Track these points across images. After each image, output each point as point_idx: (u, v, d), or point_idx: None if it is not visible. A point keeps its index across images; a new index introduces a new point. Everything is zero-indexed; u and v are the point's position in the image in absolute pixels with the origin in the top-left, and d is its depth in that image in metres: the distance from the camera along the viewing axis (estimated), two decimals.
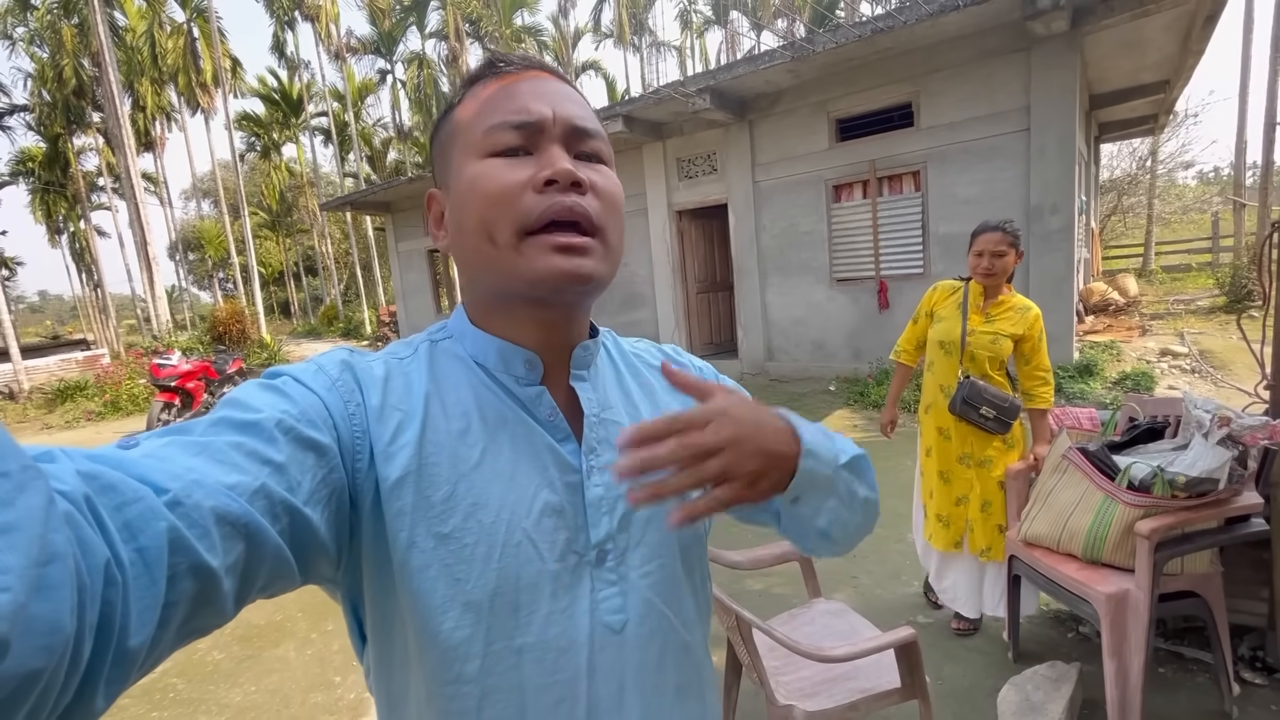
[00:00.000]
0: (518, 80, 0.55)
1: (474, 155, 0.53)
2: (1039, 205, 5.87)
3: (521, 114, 0.52)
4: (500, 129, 0.52)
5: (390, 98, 28.63)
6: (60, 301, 60.74)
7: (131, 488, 0.33)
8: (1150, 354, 6.80)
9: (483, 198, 0.51)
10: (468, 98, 0.56)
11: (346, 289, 32.45)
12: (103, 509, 0.31)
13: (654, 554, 0.58)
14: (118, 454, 0.36)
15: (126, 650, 0.30)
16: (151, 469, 0.35)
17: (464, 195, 0.53)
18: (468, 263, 0.55)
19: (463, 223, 0.53)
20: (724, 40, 27.92)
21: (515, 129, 0.52)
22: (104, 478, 0.32)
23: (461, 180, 0.53)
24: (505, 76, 0.55)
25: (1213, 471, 1.76)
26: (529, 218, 0.51)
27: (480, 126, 0.53)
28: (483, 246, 0.52)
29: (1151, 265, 14.66)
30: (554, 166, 0.51)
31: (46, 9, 20.06)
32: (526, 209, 0.51)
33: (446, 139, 0.57)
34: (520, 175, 0.51)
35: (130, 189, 14.16)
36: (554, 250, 0.51)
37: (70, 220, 28.13)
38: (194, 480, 0.36)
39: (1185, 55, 6.89)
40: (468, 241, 0.53)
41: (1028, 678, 2.07)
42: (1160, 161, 15.40)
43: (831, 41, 6.05)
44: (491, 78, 0.56)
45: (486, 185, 0.51)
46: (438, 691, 0.50)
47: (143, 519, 0.32)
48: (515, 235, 0.51)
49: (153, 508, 0.33)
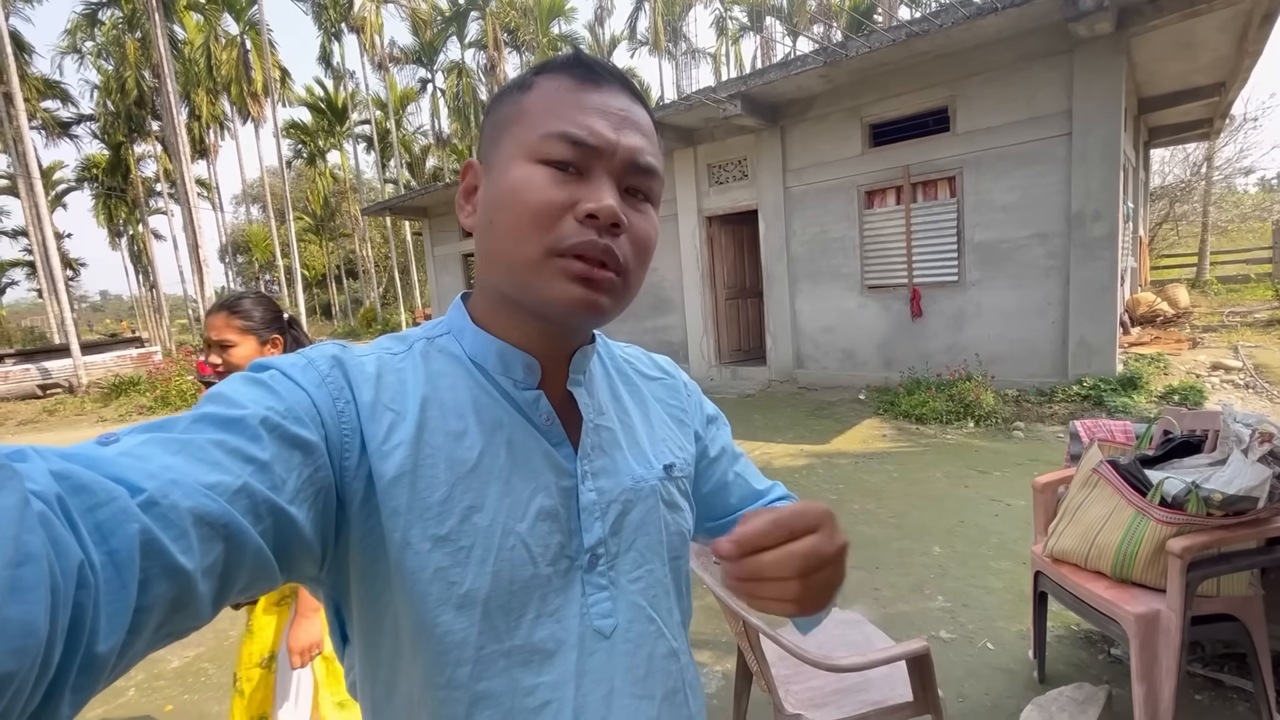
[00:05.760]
0: (594, 90, 0.52)
1: (525, 154, 0.51)
2: (1080, 212, 5.68)
3: (584, 132, 0.50)
4: (558, 140, 0.50)
5: (430, 106, 29.39)
6: (119, 301, 63.76)
7: (104, 488, 0.32)
8: (1200, 368, 6.50)
9: (522, 206, 0.50)
10: (539, 85, 0.53)
11: (385, 292, 33.29)
12: (74, 510, 0.30)
13: (643, 560, 0.58)
14: (93, 452, 0.35)
15: (94, 656, 0.30)
16: (128, 468, 0.34)
17: (504, 193, 0.51)
18: (488, 257, 0.54)
19: (495, 219, 0.52)
20: (758, 47, 27.83)
21: (573, 145, 0.50)
22: (76, 477, 0.31)
23: (506, 176, 0.52)
24: (583, 80, 0.52)
25: (1252, 489, 1.67)
26: (561, 244, 0.50)
27: (540, 127, 0.51)
28: (508, 250, 0.51)
29: (1206, 275, 14.01)
30: (599, 202, 0.49)
31: (113, 24, 21.22)
32: (561, 235, 0.50)
33: (505, 118, 0.54)
34: (563, 196, 0.50)
35: (185, 194, 14.83)
36: (574, 278, 0.50)
37: (130, 224, 29.61)
38: (171, 480, 0.35)
39: (1241, 56, 6.59)
40: (494, 239, 0.53)
41: (1052, 699, 2.00)
42: (1216, 167, 14.72)
43: (865, 46, 5.97)
44: (569, 76, 0.53)
45: (529, 196, 0.50)
46: (428, 695, 0.50)
47: (114, 521, 0.31)
48: (543, 252, 0.50)
49: (125, 509, 0.32)
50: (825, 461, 5.00)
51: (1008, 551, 3.21)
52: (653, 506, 0.60)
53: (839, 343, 7.55)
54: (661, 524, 0.61)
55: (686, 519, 0.65)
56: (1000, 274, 6.27)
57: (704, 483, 0.72)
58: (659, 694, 0.57)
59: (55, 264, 13.45)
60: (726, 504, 0.75)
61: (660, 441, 0.65)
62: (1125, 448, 2.21)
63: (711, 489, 0.73)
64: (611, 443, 0.60)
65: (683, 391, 0.72)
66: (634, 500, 0.59)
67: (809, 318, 7.78)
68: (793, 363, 7.96)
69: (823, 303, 7.62)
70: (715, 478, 0.73)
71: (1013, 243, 6.15)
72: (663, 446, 0.64)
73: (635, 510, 0.59)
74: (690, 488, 0.67)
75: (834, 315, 7.54)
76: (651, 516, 0.60)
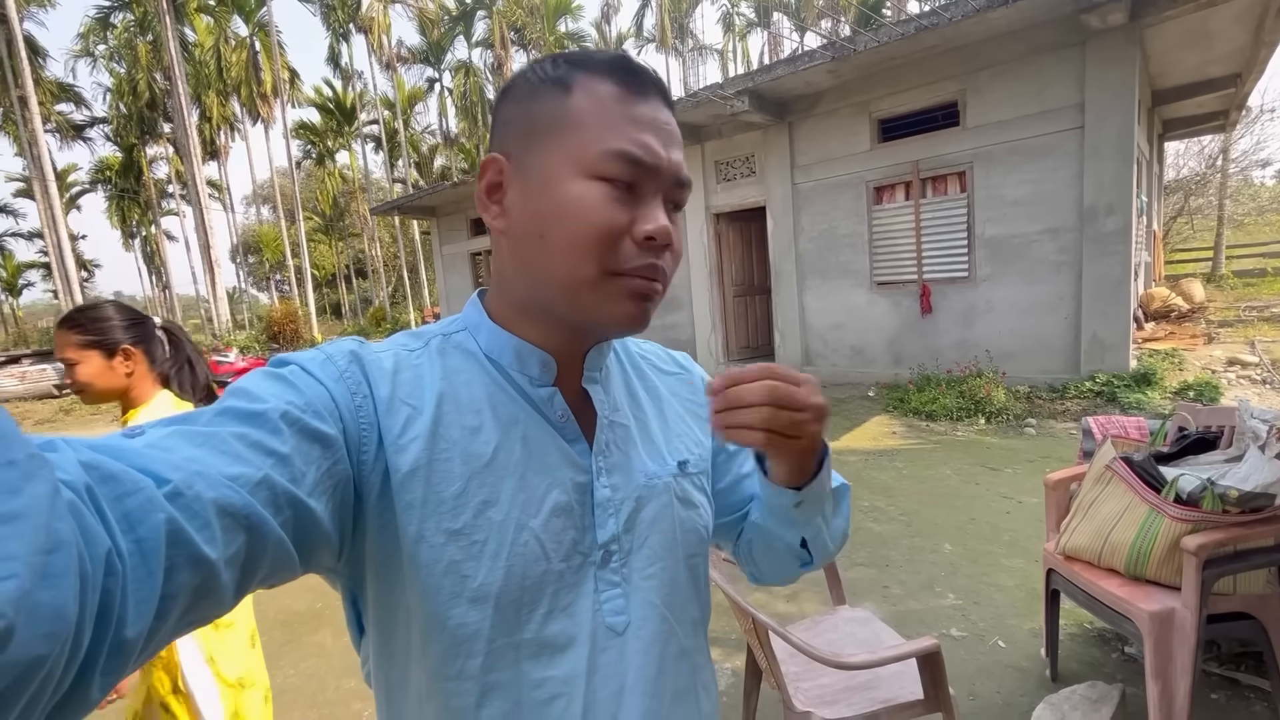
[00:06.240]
0: (642, 101, 0.52)
1: (580, 169, 0.50)
2: (1093, 206, 5.62)
3: (642, 150, 0.50)
4: (618, 158, 0.50)
5: (438, 105, 29.52)
6: (134, 302, 64.45)
7: (132, 478, 0.33)
8: (1216, 363, 6.42)
9: (583, 227, 0.50)
10: (582, 87, 0.51)
11: (394, 291, 33.48)
12: (103, 499, 0.31)
13: (657, 557, 0.58)
14: (120, 444, 0.36)
15: (123, 640, 0.31)
16: (154, 459, 0.35)
17: (560, 209, 0.50)
18: (533, 269, 0.53)
19: (548, 234, 0.51)
20: (766, 42, 27.70)
21: (632, 164, 0.50)
22: (105, 467, 0.32)
23: (561, 190, 0.50)
24: (632, 90, 0.52)
25: (1269, 486, 1.65)
26: (622, 265, 0.51)
27: (597, 142, 0.50)
28: (563, 268, 0.51)
29: (1222, 270, 13.83)
30: (658, 224, 0.51)
31: (125, 27, 21.44)
32: (623, 257, 0.51)
33: (544, 120, 0.52)
34: (623, 218, 0.50)
35: (196, 195, 14.99)
36: (630, 296, 0.52)
37: (142, 225, 29.94)
38: (196, 471, 0.36)
39: (1258, 47, 6.49)
40: (545, 253, 0.51)
41: (1065, 697, 1.98)
42: (1232, 160, 14.51)
43: (874, 40, 5.93)
44: (616, 83, 0.51)
45: (591, 216, 0.49)
46: (439, 686, 0.50)
47: (142, 510, 0.32)
48: (602, 273, 0.50)
49: (152, 499, 0.33)
50: (834, 459, 4.91)
51: (1019, 549, 3.18)
52: (666, 503, 0.60)
53: (848, 340, 7.51)
54: (675, 521, 0.60)
55: (703, 515, 0.64)
56: (1011, 269, 6.21)
57: (720, 478, 0.71)
58: (669, 693, 0.57)
59: (70, 265, 13.62)
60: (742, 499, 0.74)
61: (676, 437, 0.64)
62: (1139, 444, 2.18)
63: (726, 485, 0.72)
64: (626, 439, 0.60)
65: (700, 386, 0.71)
66: (648, 497, 0.59)
67: (818, 315, 7.75)
68: (801, 360, 7.93)
69: (831, 299, 7.58)
70: (732, 473, 0.73)
71: (1024, 238, 6.10)
72: (678, 443, 0.64)
73: (649, 507, 0.59)
74: (709, 484, 0.67)
75: (843, 312, 7.50)
76: (665, 513, 0.60)
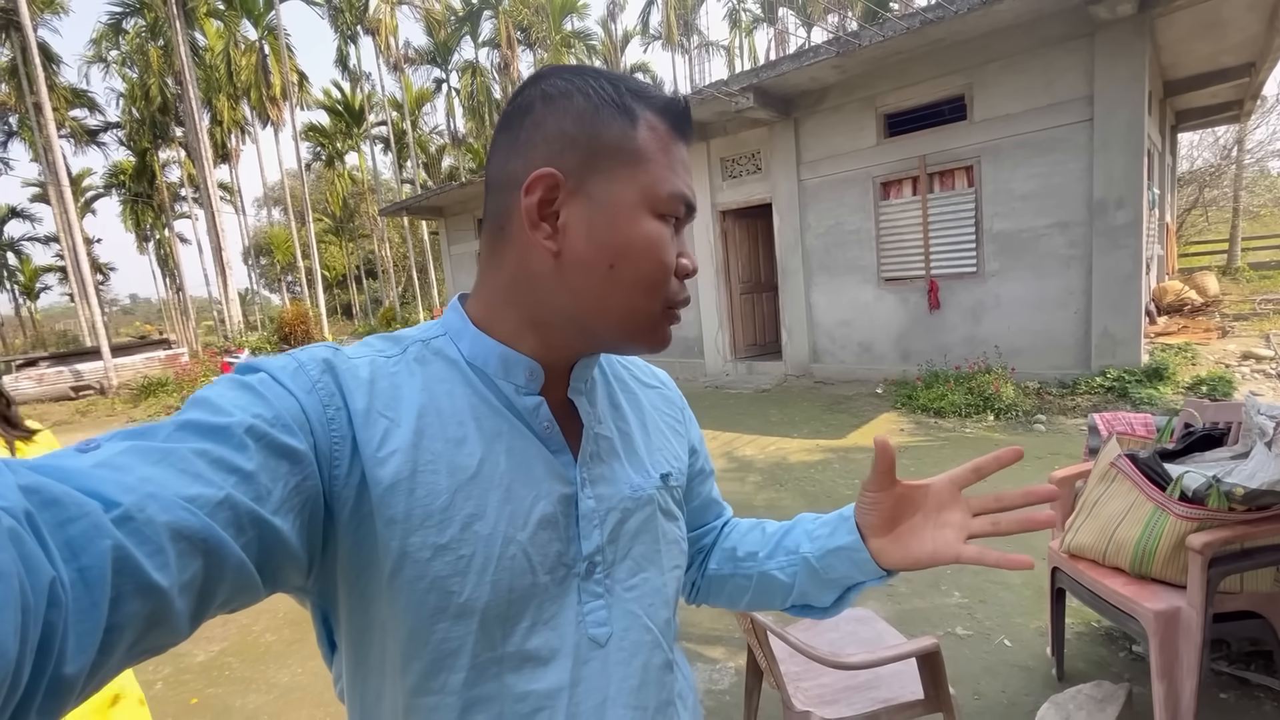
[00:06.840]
0: (685, 145, 0.56)
1: (650, 206, 0.52)
2: (1103, 199, 5.55)
3: (691, 195, 0.55)
4: (680, 200, 0.54)
5: (445, 105, 29.58)
6: (148, 304, 65.22)
7: (76, 502, 0.31)
8: (1230, 357, 6.32)
9: (656, 266, 0.53)
10: (646, 122, 0.53)
11: (404, 291, 33.65)
12: (43, 526, 0.29)
13: (639, 568, 0.59)
14: (68, 463, 0.34)
15: (61, 678, 0.28)
16: (103, 480, 0.33)
17: (629, 243, 0.52)
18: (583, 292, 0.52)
19: (620, 267, 0.52)
20: (772, 38, 27.56)
21: (686, 207, 0.55)
22: (47, 491, 0.30)
23: (632, 224, 0.52)
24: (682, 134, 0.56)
25: (1276, 483, 1.63)
26: (673, 299, 0.55)
27: (664, 183, 0.53)
28: (631, 302, 0.53)
29: (1237, 262, 13.61)
30: (690, 260, 0.56)
31: (136, 32, 21.67)
32: (673, 291, 0.55)
33: (611, 147, 0.51)
34: (673, 255, 0.54)
35: (208, 198, 15.14)
36: (670, 324, 0.57)
37: (156, 228, 30.29)
38: (149, 493, 0.34)
39: (1272, 35, 6.37)
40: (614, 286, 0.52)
41: (1070, 697, 1.97)
42: (1248, 151, 14.27)
43: (879, 35, 5.89)
44: (671, 125, 0.54)
45: (661, 255, 0.53)
46: (419, 702, 0.49)
47: (85, 537, 0.30)
48: (662, 307, 0.55)
49: (97, 524, 0.31)
50: (842, 456, 4.96)
51: (1026, 547, 3.15)
52: (650, 515, 0.60)
53: (855, 336, 7.47)
54: (659, 532, 0.61)
55: (682, 528, 0.65)
56: (1020, 264, 6.15)
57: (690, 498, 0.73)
58: (652, 705, 0.57)
59: (85, 269, 13.81)
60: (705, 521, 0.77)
61: (657, 450, 0.65)
62: (1145, 441, 2.16)
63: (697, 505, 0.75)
64: (610, 451, 0.60)
65: (678, 404, 0.73)
66: (632, 508, 0.59)
67: (825, 311, 7.71)
68: (809, 357, 7.90)
69: (838, 296, 7.54)
70: (703, 495, 0.75)
71: (1033, 232, 6.03)
72: (659, 455, 0.65)
73: (633, 519, 0.59)
74: (682, 498, 0.68)
75: (850, 308, 7.46)
76: (649, 525, 0.60)
